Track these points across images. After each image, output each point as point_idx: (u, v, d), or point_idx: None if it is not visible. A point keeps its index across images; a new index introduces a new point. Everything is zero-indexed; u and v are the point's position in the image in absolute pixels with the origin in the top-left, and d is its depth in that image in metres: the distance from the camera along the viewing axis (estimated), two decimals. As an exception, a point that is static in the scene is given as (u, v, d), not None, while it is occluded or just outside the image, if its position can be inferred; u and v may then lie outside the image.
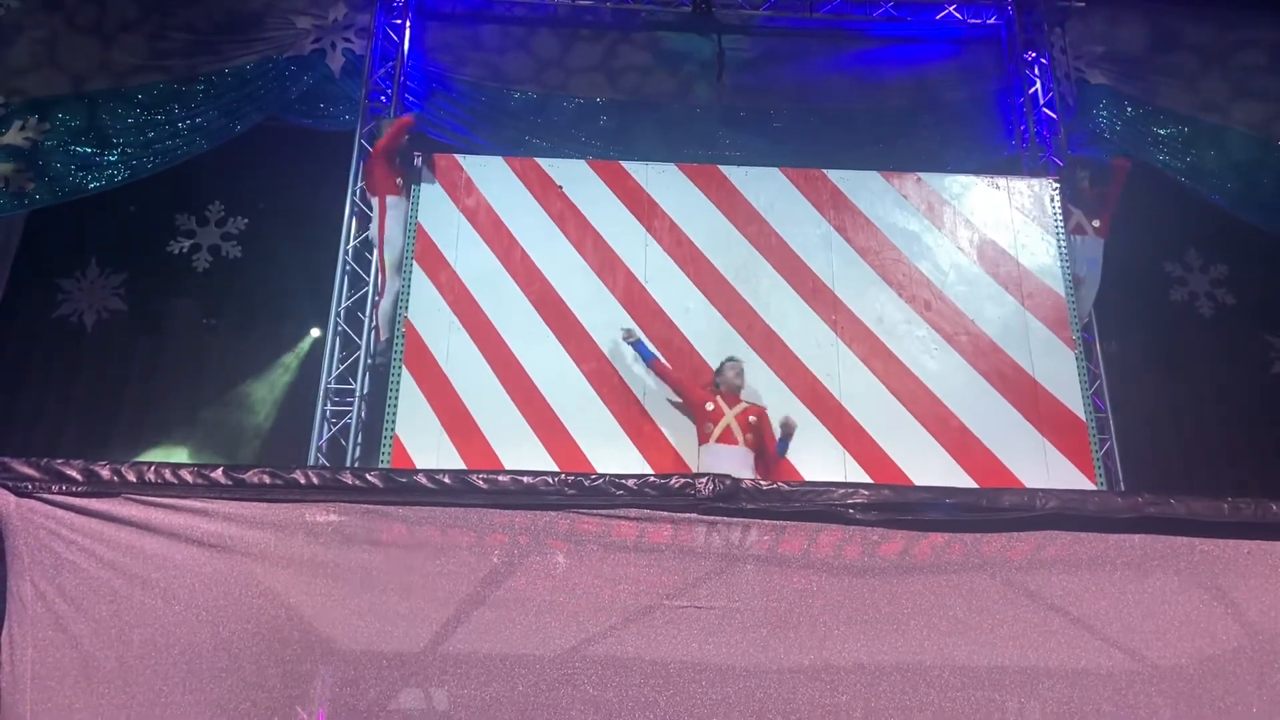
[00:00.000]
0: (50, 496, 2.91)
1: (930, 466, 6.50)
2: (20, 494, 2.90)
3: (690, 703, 3.07)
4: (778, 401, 6.58)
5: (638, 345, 6.58)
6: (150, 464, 2.98)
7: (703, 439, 6.20)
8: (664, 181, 7.38)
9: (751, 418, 6.24)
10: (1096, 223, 7.32)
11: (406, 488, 3.00)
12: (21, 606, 2.86)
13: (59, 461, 2.95)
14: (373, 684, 3.06)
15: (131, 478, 2.94)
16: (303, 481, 2.98)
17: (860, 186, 7.46)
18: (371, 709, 3.02)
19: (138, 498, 2.93)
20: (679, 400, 6.58)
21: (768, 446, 6.24)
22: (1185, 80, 8.61)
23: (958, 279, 7.16)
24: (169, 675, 2.90)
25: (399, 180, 7.01)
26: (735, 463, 5.96)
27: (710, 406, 6.23)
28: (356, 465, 6.86)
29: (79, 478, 2.93)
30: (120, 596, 2.91)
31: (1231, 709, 3.10)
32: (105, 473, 2.94)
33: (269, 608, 3.02)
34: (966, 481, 6.39)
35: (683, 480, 3.05)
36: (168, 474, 2.96)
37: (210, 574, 2.96)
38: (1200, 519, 3.05)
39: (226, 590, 2.97)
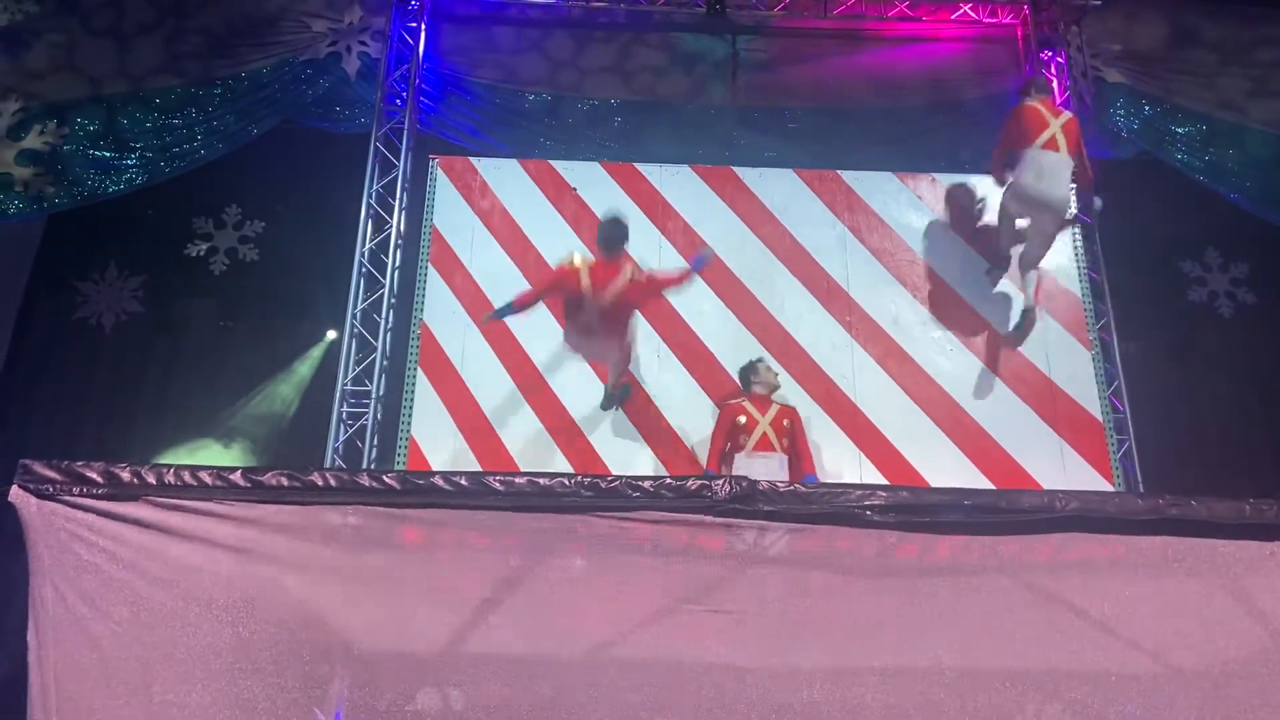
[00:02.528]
0: (71, 499, 2.94)
1: (946, 468, 6.47)
2: (42, 496, 2.93)
3: (706, 705, 3.07)
4: (792, 403, 6.55)
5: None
6: (170, 466, 3.00)
7: (738, 448, 6.11)
8: (678, 183, 7.38)
9: (786, 421, 6.17)
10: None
11: (424, 490, 3.02)
12: (44, 608, 2.88)
13: (79, 464, 2.97)
14: (390, 685, 3.07)
15: (151, 480, 2.96)
16: (320, 484, 3.00)
17: (875, 187, 7.43)
18: (389, 710, 3.03)
19: (157, 500, 2.95)
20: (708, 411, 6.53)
21: (801, 450, 6.17)
22: (1203, 78, 8.54)
23: (973, 280, 7.12)
24: (189, 676, 2.91)
25: None
26: (772, 469, 5.91)
27: (742, 419, 6.14)
28: (373, 467, 6.87)
29: (99, 480, 2.95)
30: (140, 598, 2.92)
31: (1254, 711, 3.08)
32: (125, 475, 2.96)
33: (288, 609, 3.03)
34: (983, 483, 6.36)
35: (699, 482, 3.05)
36: (187, 476, 2.98)
37: (229, 576, 2.97)
38: (1221, 521, 3.03)
39: (245, 592, 2.98)
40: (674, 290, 6.31)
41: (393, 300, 7.46)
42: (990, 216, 7.32)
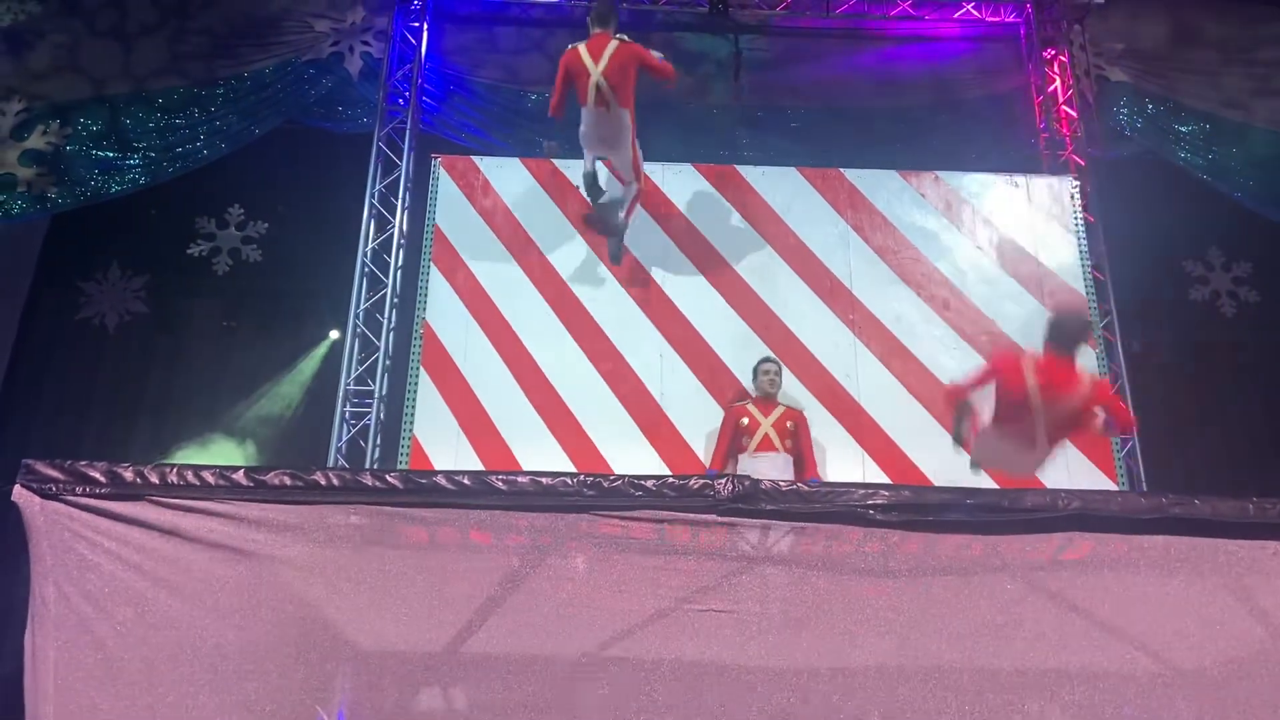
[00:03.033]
0: (74, 498, 2.94)
1: (949, 467, 6.44)
2: (45, 496, 2.93)
3: (710, 704, 3.07)
4: (797, 402, 6.55)
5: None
6: (172, 466, 3.01)
7: (741, 449, 6.11)
8: (680, 182, 7.37)
9: (789, 423, 6.16)
10: None
11: (426, 489, 3.02)
12: (45, 608, 2.88)
13: (82, 463, 2.97)
14: (393, 684, 3.08)
15: (154, 479, 2.96)
16: (323, 483, 3.00)
17: (878, 185, 7.42)
18: (392, 709, 3.03)
19: (160, 500, 2.95)
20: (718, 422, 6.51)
21: (805, 452, 6.16)
22: (1207, 76, 8.53)
23: (977, 278, 7.11)
24: (194, 677, 2.91)
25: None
26: (775, 469, 5.90)
27: (745, 421, 6.15)
28: (376, 467, 6.87)
29: (102, 479, 2.95)
30: (144, 599, 2.93)
31: (1255, 711, 3.07)
32: (128, 474, 2.96)
33: (291, 609, 3.03)
34: (986, 482, 6.33)
35: (701, 481, 3.05)
36: (190, 475, 2.98)
37: (232, 576, 2.97)
38: (1225, 520, 3.03)
39: (249, 592, 2.99)
40: (655, 70, 6.50)
41: (395, 300, 7.47)
42: (994, 214, 7.31)
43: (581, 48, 6.42)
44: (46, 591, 2.88)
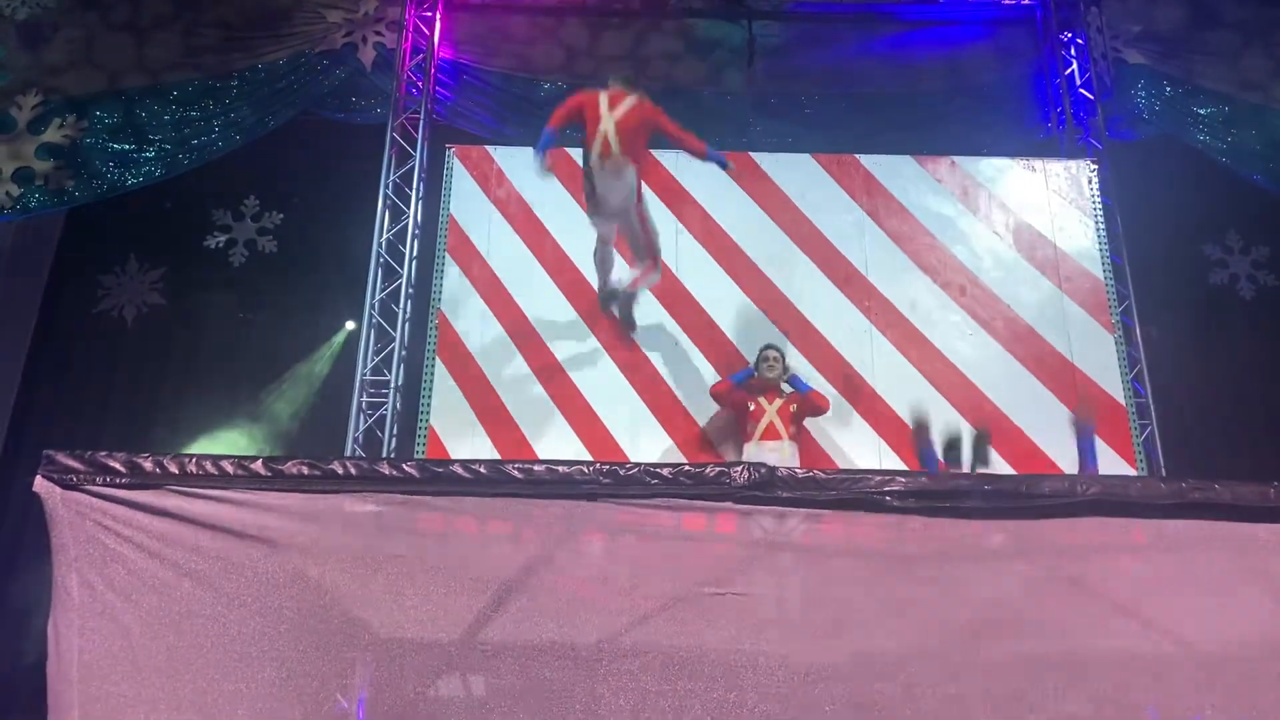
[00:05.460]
0: (95, 489, 2.96)
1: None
2: (66, 486, 2.96)
3: (727, 692, 3.07)
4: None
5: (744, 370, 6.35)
6: (191, 456, 3.03)
7: (746, 438, 6.11)
8: (694, 169, 7.32)
9: (793, 407, 6.15)
10: None
11: (443, 478, 3.03)
12: (68, 597, 2.91)
13: (102, 454, 3.00)
14: (412, 672, 3.09)
15: (173, 469, 2.99)
16: (341, 472, 3.02)
17: (893, 171, 7.38)
18: (411, 697, 3.05)
19: (180, 489, 2.97)
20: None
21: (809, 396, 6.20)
22: (1225, 59, 8.44)
23: (993, 264, 7.08)
24: (218, 665, 2.94)
25: None
26: (781, 458, 5.89)
27: (751, 406, 6.15)
28: (392, 456, 6.90)
29: (122, 470, 2.97)
30: (167, 587, 2.95)
31: (1275, 695, 3.05)
32: (148, 465, 2.99)
33: (312, 597, 3.05)
34: (1003, 468, 6.32)
35: (718, 469, 3.05)
36: (209, 465, 3.00)
37: (253, 564, 3.00)
38: (1245, 504, 3.01)
39: (270, 580, 3.01)
40: (673, 136, 6.13)
41: (410, 290, 7.50)
42: (1010, 199, 7.27)
43: (601, 93, 6.15)
44: (69, 581, 2.91)
